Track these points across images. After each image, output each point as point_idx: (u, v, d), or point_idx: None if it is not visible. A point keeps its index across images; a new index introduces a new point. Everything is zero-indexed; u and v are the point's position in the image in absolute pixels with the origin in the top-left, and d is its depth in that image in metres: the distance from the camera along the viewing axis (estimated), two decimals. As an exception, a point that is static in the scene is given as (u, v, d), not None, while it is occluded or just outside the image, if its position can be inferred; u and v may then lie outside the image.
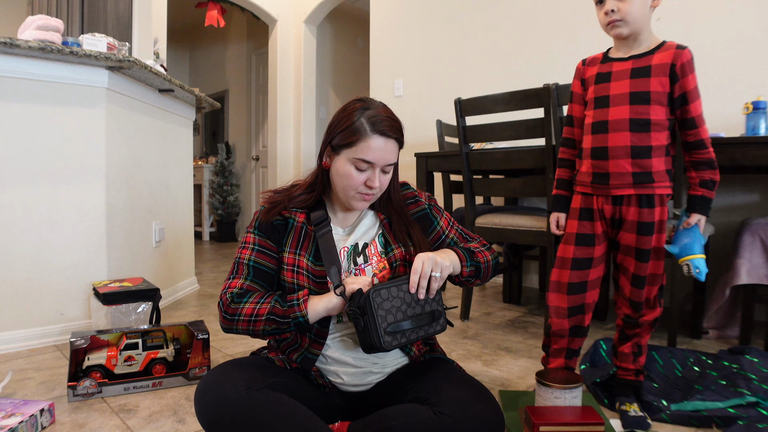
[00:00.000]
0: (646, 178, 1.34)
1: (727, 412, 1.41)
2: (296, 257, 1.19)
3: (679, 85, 1.31)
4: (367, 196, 1.18)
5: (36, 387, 1.67)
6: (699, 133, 1.34)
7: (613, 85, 1.37)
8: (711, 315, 2.25)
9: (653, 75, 1.32)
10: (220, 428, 1.03)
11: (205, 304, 2.85)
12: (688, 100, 1.32)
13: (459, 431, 1.00)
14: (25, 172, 2.03)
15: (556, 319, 1.50)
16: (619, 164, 1.35)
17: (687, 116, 1.33)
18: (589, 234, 1.44)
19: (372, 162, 1.13)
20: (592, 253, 1.44)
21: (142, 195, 2.56)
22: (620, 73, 1.37)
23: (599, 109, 1.39)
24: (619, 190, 1.36)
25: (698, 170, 1.36)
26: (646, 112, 1.32)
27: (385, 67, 4.18)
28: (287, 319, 1.09)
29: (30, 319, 2.08)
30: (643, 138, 1.32)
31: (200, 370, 1.72)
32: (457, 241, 1.32)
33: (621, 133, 1.34)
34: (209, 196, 6.24)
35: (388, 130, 1.13)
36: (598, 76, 1.41)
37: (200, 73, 7.24)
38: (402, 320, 1.09)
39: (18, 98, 2.00)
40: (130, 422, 1.43)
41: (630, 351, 1.48)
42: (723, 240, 2.51)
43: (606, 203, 1.40)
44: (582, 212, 1.45)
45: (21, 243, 2.04)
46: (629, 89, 1.34)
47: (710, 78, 2.54)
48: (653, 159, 1.33)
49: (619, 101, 1.35)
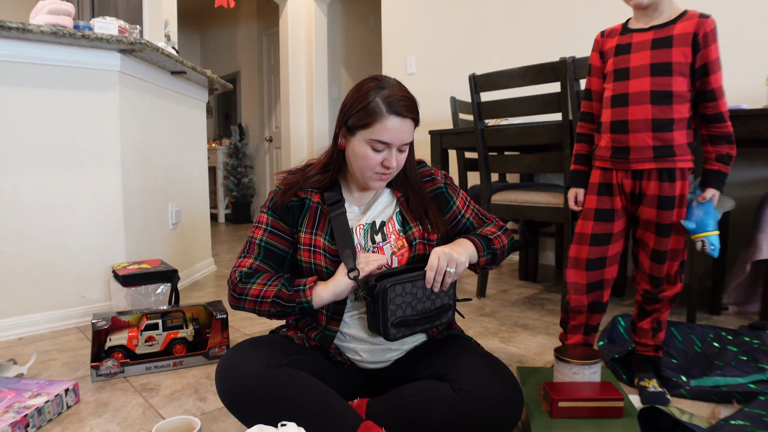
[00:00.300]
0: (668, 151, 1.31)
1: (747, 387, 1.40)
2: (312, 237, 1.19)
3: (700, 55, 1.27)
4: (384, 176, 1.17)
5: (60, 368, 1.70)
6: (718, 105, 1.30)
7: (633, 57, 1.33)
8: (731, 291, 2.22)
9: (675, 45, 1.28)
10: (241, 405, 1.05)
11: (222, 285, 2.88)
12: (709, 71, 1.28)
13: (478, 407, 1.01)
14: (41, 157, 2.05)
15: (575, 296, 1.49)
16: (639, 138, 1.32)
17: (707, 87, 1.29)
18: (608, 209, 1.42)
19: (389, 143, 1.12)
20: (611, 229, 1.42)
21: (158, 178, 2.57)
22: (641, 44, 1.33)
23: (619, 81, 1.36)
24: (640, 164, 1.34)
25: (715, 144, 1.32)
26: (667, 84, 1.28)
27: (397, 45, 4.13)
28: (292, 303, 1.11)
29: (52, 301, 2.12)
30: (664, 110, 1.29)
31: (220, 349, 1.74)
32: (473, 222, 1.31)
33: (642, 106, 1.31)
34: (224, 178, 6.27)
35: (404, 110, 1.11)
36: (618, 47, 1.38)
37: (211, 55, 7.22)
38: (411, 315, 1.10)
39: (32, 83, 2.01)
40: (153, 401, 1.46)
41: (649, 327, 1.46)
42: (744, 214, 2.46)
43: (626, 177, 1.37)
44: (601, 187, 1.43)
45: (40, 227, 2.07)
46: (650, 60, 1.30)
47: (732, 48, 2.47)
48: (675, 132, 1.30)
49: (639, 73, 1.32)
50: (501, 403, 1.02)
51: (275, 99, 5.98)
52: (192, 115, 2.99)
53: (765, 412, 1.25)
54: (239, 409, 1.06)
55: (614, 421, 1.13)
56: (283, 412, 1.01)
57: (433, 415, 1.01)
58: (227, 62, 6.85)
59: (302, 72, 5.20)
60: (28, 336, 2.03)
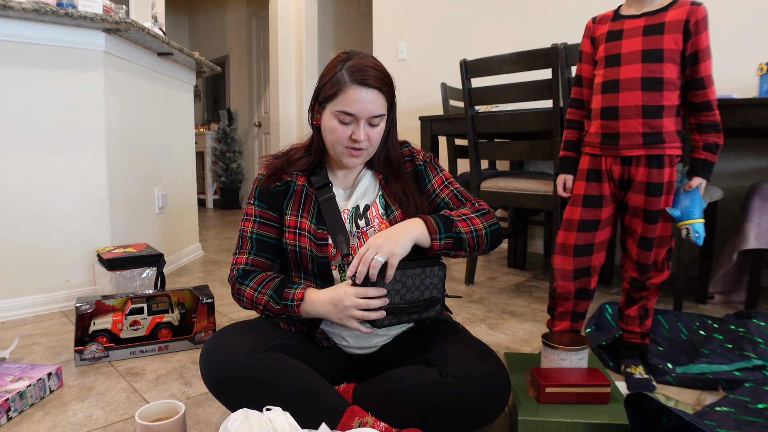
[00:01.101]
0: (657, 138, 1.31)
1: (732, 375, 1.41)
2: (298, 219, 1.17)
3: (691, 42, 1.27)
4: (354, 152, 1.13)
5: (43, 352, 1.68)
6: (707, 94, 1.30)
7: (624, 43, 1.33)
8: (717, 280, 2.24)
9: (667, 32, 1.27)
10: (225, 390, 1.03)
11: (209, 270, 2.85)
12: (699, 59, 1.28)
13: (465, 392, 1.00)
14: (24, 138, 2.00)
15: (562, 282, 1.49)
16: (629, 124, 1.32)
17: (696, 76, 1.29)
18: (596, 196, 1.42)
19: (353, 114, 1.09)
20: (599, 215, 1.42)
21: (144, 161, 2.53)
22: (632, 30, 1.32)
23: (610, 68, 1.35)
24: (629, 150, 1.34)
25: (702, 133, 1.33)
26: (658, 71, 1.28)
27: (389, 30, 4.09)
28: (282, 316, 1.14)
29: (35, 285, 2.08)
30: (654, 97, 1.29)
31: (206, 334, 1.73)
32: (449, 202, 1.23)
33: (632, 92, 1.30)
34: (212, 164, 6.21)
35: (368, 78, 1.07)
36: (609, 34, 1.37)
37: (200, 38, 7.12)
38: (398, 303, 1.07)
39: (13, 62, 1.96)
40: (137, 385, 1.44)
41: (636, 314, 1.47)
42: (732, 204, 2.48)
43: (615, 164, 1.37)
44: (590, 173, 1.42)
45: (23, 210, 2.03)
46: (642, 47, 1.29)
47: (723, 37, 2.47)
48: (664, 119, 1.30)
49: (630, 59, 1.31)
50: (488, 388, 1.02)
51: (264, 84, 5.91)
52: (179, 97, 2.95)
53: (749, 399, 1.26)
54: (224, 393, 1.04)
55: (601, 406, 1.13)
56: (268, 396, 1.00)
57: (420, 400, 1.01)
58: (216, 46, 6.76)
59: (292, 56, 5.14)
60: (10, 320, 2.00)
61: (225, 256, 3.26)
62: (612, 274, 2.57)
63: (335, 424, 1.00)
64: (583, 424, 1.08)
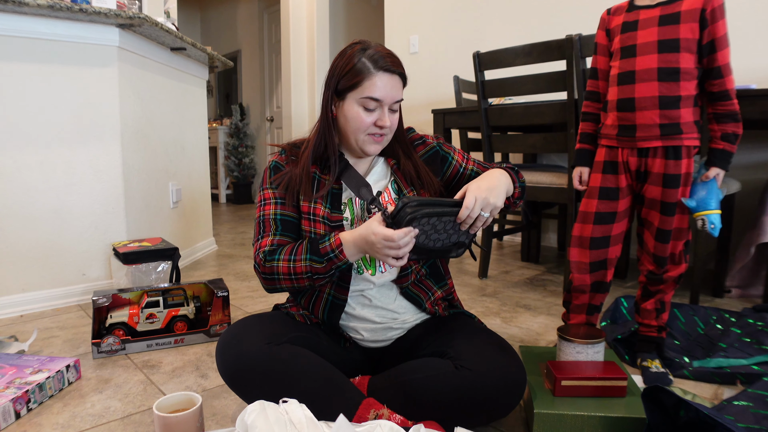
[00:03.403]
0: (674, 129, 1.29)
1: (751, 369, 1.39)
2: (312, 205, 1.17)
3: (708, 31, 1.25)
4: (378, 138, 1.15)
5: (61, 345, 1.70)
6: (724, 83, 1.28)
7: (640, 34, 1.31)
8: (734, 273, 2.21)
9: (683, 21, 1.26)
10: (241, 382, 1.04)
11: (223, 264, 2.87)
12: (716, 47, 1.26)
13: (480, 385, 1.00)
14: (40, 134, 2.02)
15: (578, 275, 1.48)
16: (646, 116, 1.30)
17: (714, 65, 1.27)
18: (612, 188, 1.40)
19: (380, 99, 1.10)
20: (615, 207, 1.41)
21: (158, 156, 2.55)
22: (648, 20, 1.30)
23: (626, 59, 1.33)
24: (646, 142, 1.32)
25: (721, 123, 1.31)
26: (675, 61, 1.26)
27: (400, 23, 4.07)
28: (330, 272, 1.08)
29: (53, 279, 2.11)
30: (671, 88, 1.27)
31: (221, 327, 1.74)
32: (477, 170, 1.27)
33: (649, 83, 1.29)
34: (224, 159, 6.24)
35: (391, 65, 1.10)
36: (625, 25, 1.35)
37: (212, 33, 7.14)
38: (425, 243, 1.06)
39: (29, 59, 1.98)
40: (154, 377, 1.46)
41: (653, 307, 1.46)
42: (749, 197, 2.44)
43: (631, 155, 1.36)
44: (606, 165, 1.41)
45: (40, 205, 2.05)
46: (657, 37, 1.28)
47: (742, 28, 2.42)
48: (681, 109, 1.28)
49: (646, 50, 1.29)
50: (503, 381, 1.01)
51: (276, 78, 5.92)
52: (192, 92, 2.96)
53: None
54: (240, 385, 1.05)
55: (617, 400, 1.13)
56: (284, 388, 1.01)
57: (435, 393, 1.01)
58: (228, 41, 6.77)
59: (304, 51, 5.14)
60: (29, 313, 2.03)
61: (239, 250, 3.28)
62: (627, 267, 2.54)
63: (351, 416, 1.00)
64: (599, 417, 1.07)
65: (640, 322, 1.50)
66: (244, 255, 3.14)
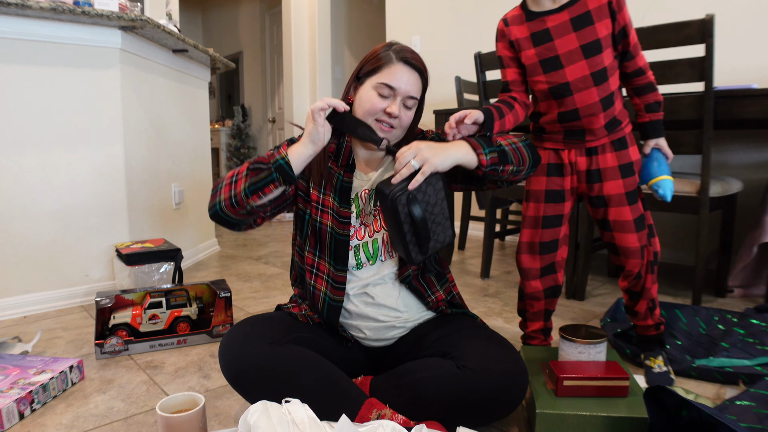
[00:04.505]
0: (615, 123, 1.30)
1: (754, 369, 1.39)
2: (321, 195, 1.19)
3: (618, 20, 1.23)
4: (385, 127, 1.14)
5: (65, 345, 1.71)
6: (637, 62, 1.29)
7: (558, 43, 1.25)
8: (737, 273, 2.21)
9: (596, 20, 1.22)
10: (244, 382, 1.05)
11: (226, 265, 2.88)
12: (627, 31, 1.24)
13: (482, 384, 1.00)
14: (42, 135, 2.03)
15: (531, 282, 1.44)
16: (593, 121, 1.28)
17: (627, 48, 1.26)
18: (558, 190, 1.38)
19: (394, 87, 1.12)
20: (562, 210, 1.39)
21: (160, 157, 2.56)
22: (559, 27, 1.24)
23: (552, 72, 1.28)
24: (595, 141, 1.32)
25: (641, 95, 1.32)
26: (601, 61, 1.24)
27: (402, 24, 4.07)
28: (267, 165, 1.06)
29: (56, 280, 2.12)
30: (605, 87, 1.26)
31: (223, 327, 1.74)
32: None
33: (587, 91, 1.26)
34: (227, 160, 6.25)
35: (411, 59, 1.14)
36: (534, 37, 1.28)
37: (213, 35, 7.16)
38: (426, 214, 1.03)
39: (32, 61, 1.99)
40: (157, 378, 1.46)
41: (646, 307, 1.44)
42: (751, 197, 2.44)
43: (580, 155, 1.34)
44: (551, 168, 1.38)
45: (43, 206, 2.06)
46: (578, 43, 1.23)
47: (743, 27, 2.42)
48: (615, 102, 1.29)
49: (572, 59, 1.24)
50: (505, 381, 1.02)
51: (278, 79, 5.93)
52: (194, 94, 2.97)
53: (771, 393, 1.24)
54: (243, 385, 1.05)
55: (619, 400, 1.13)
56: (287, 388, 1.01)
57: (438, 392, 1.01)
58: (230, 42, 6.79)
59: (305, 52, 5.15)
60: (32, 314, 2.04)
61: (241, 251, 3.28)
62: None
63: (354, 416, 1.01)
64: (601, 417, 1.07)
65: (637, 324, 1.48)
66: (247, 256, 3.15)
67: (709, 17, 1.71)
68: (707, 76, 1.75)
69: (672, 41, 1.78)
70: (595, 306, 2.09)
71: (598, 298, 2.19)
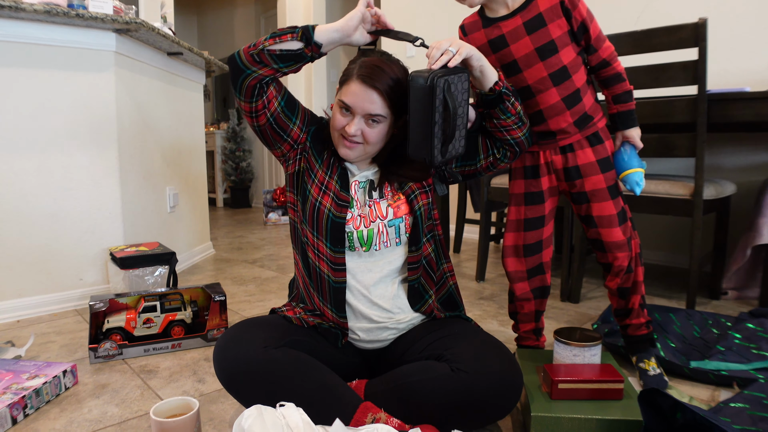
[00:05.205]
0: (585, 119, 1.30)
1: (749, 374, 1.39)
2: (326, 177, 1.19)
3: (574, 17, 1.22)
4: (348, 143, 1.14)
5: (58, 350, 1.70)
6: (600, 54, 1.27)
7: (514, 48, 1.26)
8: (731, 275, 2.22)
9: (548, 22, 1.22)
10: (239, 386, 1.04)
11: (221, 269, 2.87)
12: (587, 26, 1.24)
13: (477, 387, 1.00)
14: (36, 138, 2.02)
15: (519, 284, 1.45)
16: (558, 121, 1.29)
17: (590, 41, 1.26)
18: (537, 192, 1.39)
19: (349, 106, 1.11)
20: (543, 211, 1.40)
21: (155, 160, 2.55)
22: (513, 32, 1.25)
23: (512, 76, 1.30)
24: (567, 139, 1.32)
25: (609, 87, 1.32)
26: (558, 61, 1.24)
27: (397, 26, 4.07)
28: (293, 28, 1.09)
29: (50, 284, 2.11)
30: (567, 86, 1.26)
31: (218, 331, 1.74)
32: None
33: (547, 93, 1.27)
34: (222, 163, 6.23)
35: (367, 77, 1.09)
36: (492, 43, 1.29)
37: (209, 38, 7.15)
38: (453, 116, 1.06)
39: (25, 64, 1.98)
40: (151, 382, 1.46)
41: (639, 303, 1.43)
42: (745, 199, 2.45)
43: (555, 154, 1.35)
44: (527, 170, 1.40)
45: (37, 210, 2.05)
46: (533, 46, 1.24)
47: (736, 30, 2.44)
48: (583, 99, 1.28)
49: (528, 62, 1.25)
50: (500, 383, 1.02)
51: (273, 83, 5.92)
52: (189, 97, 2.96)
53: (765, 395, 1.25)
54: (237, 389, 1.05)
55: (614, 402, 1.13)
56: (282, 392, 1.01)
57: (432, 395, 1.01)
58: (225, 46, 6.78)
59: (301, 55, 5.14)
60: (26, 318, 2.02)
61: (236, 255, 3.28)
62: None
63: (348, 420, 1.00)
64: (596, 420, 1.07)
65: (629, 323, 1.46)
66: (242, 259, 3.14)
67: (702, 21, 1.72)
68: (700, 79, 1.75)
69: (665, 45, 1.79)
70: (589, 309, 2.09)
71: (592, 301, 2.20)
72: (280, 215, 4.72)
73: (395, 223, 1.18)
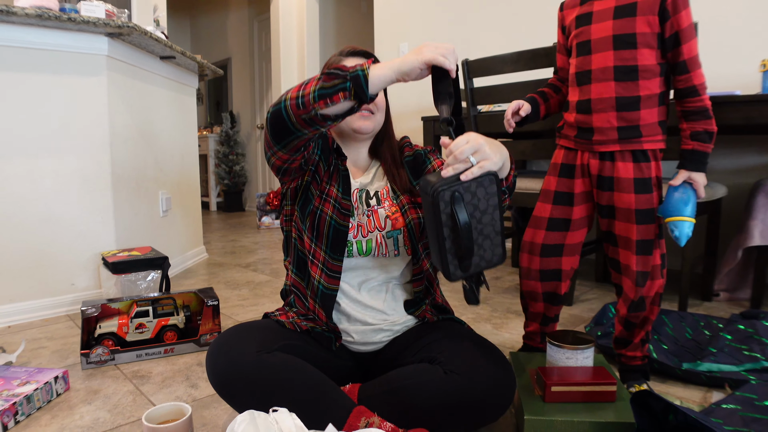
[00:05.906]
0: (633, 132, 1.21)
1: (741, 375, 1.40)
2: (327, 185, 1.19)
3: (670, 23, 1.15)
4: (365, 113, 1.19)
5: (50, 355, 1.69)
6: (691, 78, 1.18)
7: (594, 28, 1.21)
8: (722, 277, 2.23)
9: (639, 13, 1.16)
10: (232, 391, 1.04)
11: (214, 273, 2.86)
12: (680, 40, 1.16)
13: (470, 390, 1.00)
14: (28, 142, 2.01)
15: (526, 281, 1.41)
16: (602, 118, 1.22)
17: (679, 59, 1.17)
18: (567, 192, 1.33)
19: None
20: (570, 214, 1.33)
21: (148, 164, 2.54)
22: (602, 13, 1.20)
23: (582, 57, 1.24)
24: (603, 146, 1.25)
25: (689, 121, 1.21)
26: (632, 58, 1.18)
27: (390, 31, 4.09)
28: (345, 72, 0.96)
29: (41, 289, 2.09)
30: (629, 87, 1.19)
31: (211, 336, 1.73)
32: None
33: (605, 83, 1.21)
34: (215, 166, 6.22)
35: (352, 49, 1.22)
36: (578, 18, 1.25)
37: (202, 41, 7.14)
38: (472, 221, 0.90)
39: (18, 68, 1.97)
40: (144, 388, 1.45)
41: (640, 339, 1.36)
42: (736, 202, 2.47)
43: (592, 158, 1.28)
44: (562, 168, 1.33)
45: (29, 214, 2.04)
46: (612, 32, 1.18)
47: (726, 34, 2.46)
48: (642, 111, 1.20)
49: (601, 47, 1.20)
50: (493, 386, 1.02)
51: (267, 86, 5.92)
52: (182, 101, 2.95)
53: (756, 396, 1.25)
54: (230, 394, 1.05)
55: (607, 405, 1.13)
56: (274, 397, 1.00)
57: (425, 398, 1.01)
58: (218, 49, 6.77)
59: (294, 58, 5.15)
60: (17, 324, 2.01)
61: (229, 259, 3.26)
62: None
63: (342, 424, 1.00)
64: (589, 422, 1.07)
65: (626, 354, 1.39)
66: (235, 263, 3.13)
67: (555, 45, 1.74)
68: None
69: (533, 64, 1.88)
70: (583, 311, 2.10)
71: (585, 303, 2.20)
72: (274, 219, 4.72)
73: (393, 235, 1.19)
